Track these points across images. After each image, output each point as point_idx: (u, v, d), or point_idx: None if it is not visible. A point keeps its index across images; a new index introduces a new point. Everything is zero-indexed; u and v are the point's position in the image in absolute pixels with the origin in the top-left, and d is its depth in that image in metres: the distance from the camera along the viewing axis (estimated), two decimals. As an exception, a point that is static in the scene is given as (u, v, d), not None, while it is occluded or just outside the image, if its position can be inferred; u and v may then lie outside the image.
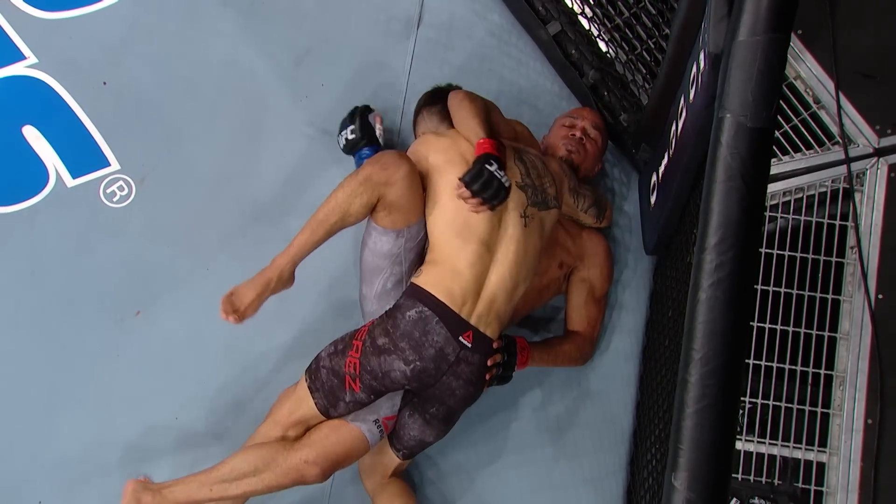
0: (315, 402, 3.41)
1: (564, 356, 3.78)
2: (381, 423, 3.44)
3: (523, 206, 3.46)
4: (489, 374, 3.44)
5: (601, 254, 3.85)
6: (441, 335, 3.33)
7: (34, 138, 3.92)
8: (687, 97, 3.11)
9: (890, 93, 3.73)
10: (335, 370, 3.39)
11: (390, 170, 3.34)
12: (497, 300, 3.40)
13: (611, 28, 3.96)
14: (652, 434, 3.46)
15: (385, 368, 3.34)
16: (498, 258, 3.41)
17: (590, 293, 3.83)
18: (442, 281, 3.36)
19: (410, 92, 4.03)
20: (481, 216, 3.39)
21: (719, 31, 2.63)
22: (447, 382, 3.38)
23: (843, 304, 3.63)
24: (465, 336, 3.35)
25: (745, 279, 2.38)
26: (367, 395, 3.40)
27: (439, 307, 3.34)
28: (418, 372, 3.34)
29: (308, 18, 4.11)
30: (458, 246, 3.39)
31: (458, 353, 3.35)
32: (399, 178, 3.34)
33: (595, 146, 3.81)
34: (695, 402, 2.32)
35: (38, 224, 3.87)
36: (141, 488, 3.45)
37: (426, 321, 3.33)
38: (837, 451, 3.55)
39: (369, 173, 3.34)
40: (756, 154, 2.39)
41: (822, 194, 3.73)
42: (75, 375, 3.73)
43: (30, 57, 3.99)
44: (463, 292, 3.35)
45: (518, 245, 3.43)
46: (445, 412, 3.47)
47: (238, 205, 3.91)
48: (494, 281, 3.39)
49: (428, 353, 3.33)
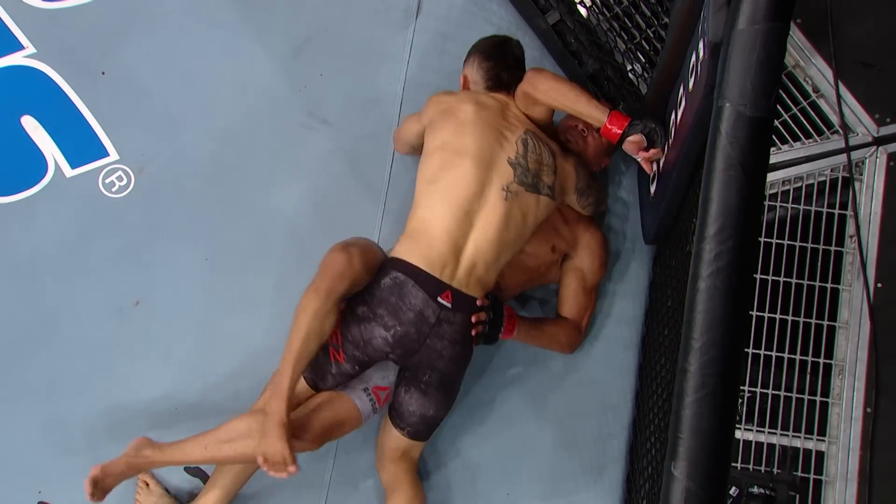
0: (304, 377, 3.43)
1: (552, 339, 3.78)
2: (372, 393, 3.44)
3: (508, 181, 3.47)
4: (475, 329, 3.44)
5: (595, 244, 3.84)
6: (418, 297, 3.34)
7: (33, 128, 3.91)
8: (686, 86, 3.11)
9: (889, 81, 3.72)
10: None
11: (347, 272, 3.33)
12: (477, 267, 3.41)
13: (610, 17, 3.95)
14: (651, 423, 3.46)
15: (366, 336, 3.35)
16: (477, 226, 3.42)
17: (581, 282, 3.83)
18: (417, 248, 3.39)
19: (409, 82, 4.03)
20: (464, 181, 3.42)
21: (719, 20, 2.62)
22: (432, 345, 3.38)
23: (842, 293, 3.63)
24: (444, 296, 3.36)
25: (744, 268, 2.38)
26: (353, 366, 3.41)
27: (414, 271, 3.36)
28: (400, 337, 3.35)
29: (307, 8, 4.11)
30: (437, 210, 3.42)
31: (438, 314, 3.35)
32: (356, 272, 3.35)
33: (597, 140, 3.78)
34: (694, 391, 2.32)
35: (37, 214, 3.87)
36: (144, 443, 3.48)
37: (402, 286, 3.35)
38: (836, 440, 3.55)
39: (330, 286, 3.31)
40: (755, 143, 2.39)
41: (822, 183, 3.72)
42: (74, 365, 3.74)
43: (28, 47, 3.98)
44: (440, 256, 3.37)
45: (497, 217, 3.43)
46: (438, 378, 3.46)
47: (237, 195, 3.91)
48: (472, 248, 3.41)
49: (407, 317, 3.33)
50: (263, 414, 3.31)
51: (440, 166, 3.48)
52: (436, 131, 3.57)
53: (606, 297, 3.94)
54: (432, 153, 3.54)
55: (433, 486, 3.77)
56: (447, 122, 3.56)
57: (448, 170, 3.46)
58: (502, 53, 3.78)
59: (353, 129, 4.01)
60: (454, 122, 3.55)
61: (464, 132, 3.51)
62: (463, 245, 3.40)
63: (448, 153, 3.49)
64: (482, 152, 3.48)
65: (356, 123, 4.02)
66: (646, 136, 3.47)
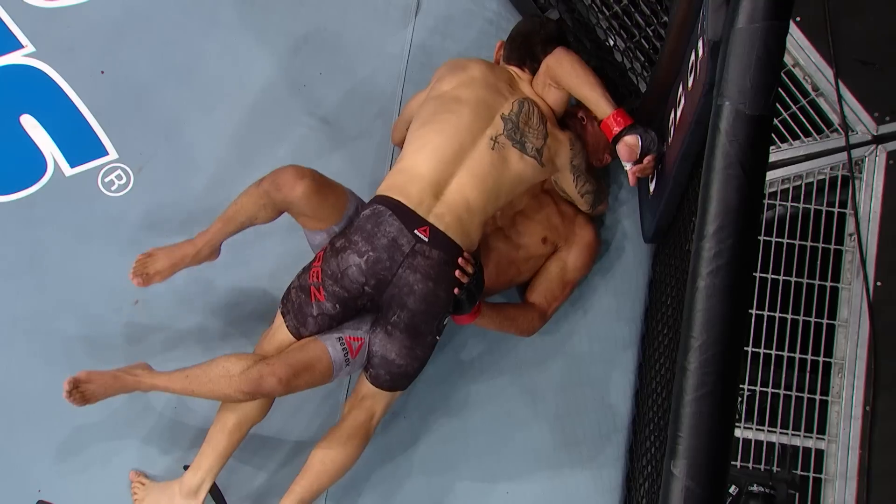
0: (287, 326, 3.46)
1: (512, 323, 3.77)
2: (345, 342, 3.44)
3: (497, 133, 3.51)
4: (460, 278, 3.43)
5: (586, 243, 3.85)
6: (394, 226, 3.35)
7: (32, 127, 3.91)
8: (686, 84, 3.11)
9: (888, 80, 3.73)
10: (302, 286, 3.44)
11: (284, 190, 3.40)
12: (457, 207, 3.42)
13: (609, 16, 3.96)
14: (651, 422, 3.46)
15: (342, 267, 3.37)
16: (461, 170, 3.45)
17: (561, 273, 3.83)
18: (399, 183, 3.43)
19: (408, 81, 4.04)
20: (455, 126, 3.47)
21: (718, 19, 2.63)
22: (404, 277, 3.37)
23: (841, 291, 3.64)
24: (422, 230, 3.36)
25: (743, 267, 2.38)
26: (333, 305, 3.42)
27: (393, 203, 3.38)
28: (373, 262, 3.36)
29: (306, 6, 4.11)
30: (425, 151, 3.45)
31: (413, 244, 3.36)
32: (296, 197, 3.39)
33: (596, 131, 3.77)
34: (694, 389, 2.32)
35: (37, 213, 3.87)
36: (139, 364, 3.53)
37: (379, 215, 3.38)
38: (836, 439, 3.56)
39: (266, 189, 3.43)
40: (755, 141, 2.39)
41: (821, 182, 3.73)
42: (74, 363, 3.73)
43: (27, 46, 3.99)
44: (420, 192, 3.39)
45: (481, 164, 3.46)
46: (407, 319, 3.43)
47: (235, 193, 3.89)
48: (455, 189, 3.43)
49: (380, 243, 3.35)
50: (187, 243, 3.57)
51: (435, 111, 3.54)
52: (441, 83, 3.65)
53: (605, 295, 3.94)
54: (432, 99, 3.61)
55: (432, 486, 3.77)
56: (454, 76, 3.63)
57: (443, 114, 3.51)
58: (531, 31, 3.83)
59: (352, 127, 4.02)
60: (461, 76, 3.62)
61: (467, 86, 3.58)
62: (445, 185, 3.42)
63: (447, 100, 3.55)
64: (479, 104, 3.53)
65: (355, 122, 4.02)
66: (643, 144, 3.51)
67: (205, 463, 3.54)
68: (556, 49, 3.71)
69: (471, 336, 3.87)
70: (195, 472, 3.55)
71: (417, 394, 3.80)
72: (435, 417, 3.81)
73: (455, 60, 3.76)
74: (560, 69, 3.66)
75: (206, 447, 3.57)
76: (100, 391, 3.44)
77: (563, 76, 3.64)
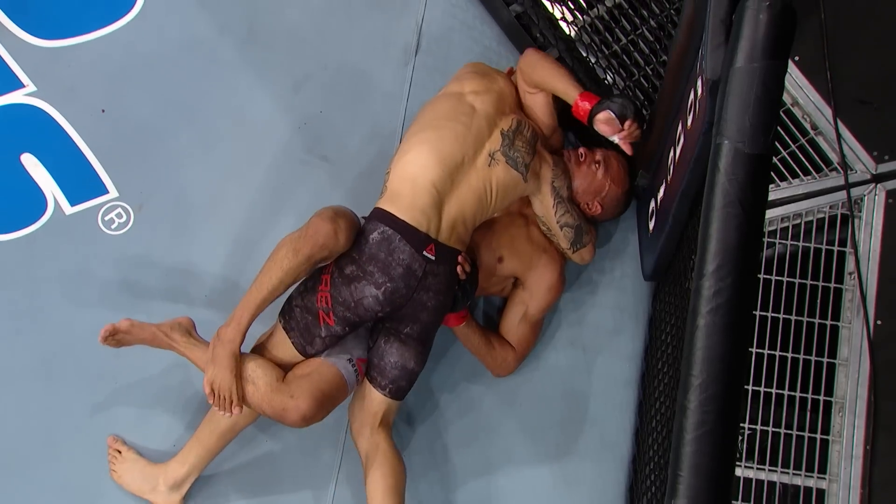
0: (292, 342, 3.43)
1: (489, 351, 3.78)
2: (356, 364, 3.45)
3: (495, 149, 3.54)
4: (462, 275, 3.47)
5: (547, 286, 3.81)
6: (406, 252, 3.36)
7: (32, 166, 3.92)
8: (685, 123, 3.12)
9: (887, 119, 3.74)
10: (308, 307, 3.41)
11: (330, 243, 3.32)
12: (457, 223, 3.45)
13: (608, 54, 3.97)
14: (651, 461, 3.45)
15: (357, 296, 3.36)
16: (461, 184, 3.47)
17: (524, 314, 3.82)
18: (403, 200, 3.41)
19: (408, 119, 4.04)
20: (462, 138, 3.49)
21: (717, 58, 2.64)
22: (418, 298, 3.41)
23: (841, 329, 3.63)
24: (428, 249, 3.38)
25: (743, 305, 2.39)
26: (342, 328, 3.41)
27: (399, 224, 3.38)
28: (390, 293, 3.36)
29: (307, 45, 4.12)
30: (426, 159, 3.45)
31: (424, 267, 3.38)
32: (342, 244, 3.35)
33: (591, 171, 3.78)
34: (694, 428, 2.32)
35: (37, 252, 3.86)
36: (178, 326, 3.52)
37: (389, 240, 3.37)
38: (837, 478, 3.54)
39: (310, 253, 3.32)
40: (754, 180, 2.40)
41: (821, 220, 3.73)
42: (74, 401, 3.72)
43: (28, 85, 4.00)
44: (424, 208, 3.40)
45: (479, 179, 3.49)
46: (420, 330, 3.48)
47: (236, 232, 3.91)
48: (455, 204, 3.45)
49: (396, 273, 3.35)
50: (216, 338, 3.36)
51: (446, 115, 3.56)
52: (462, 83, 3.70)
53: (605, 332, 3.94)
54: (446, 97, 3.65)
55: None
56: (478, 80, 3.70)
57: (452, 122, 3.53)
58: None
59: (352, 165, 4.02)
60: (483, 83, 3.68)
61: (483, 95, 3.63)
62: (446, 199, 3.44)
63: (459, 105, 3.59)
64: (487, 117, 3.57)
65: (355, 160, 4.03)
66: (616, 113, 3.53)
67: (192, 458, 3.57)
68: (526, 51, 3.83)
69: (470, 373, 3.86)
70: (181, 465, 3.58)
71: (412, 434, 3.81)
72: (431, 456, 3.81)
73: (482, 66, 3.84)
74: (530, 68, 3.75)
75: (194, 443, 3.58)
76: (135, 341, 3.51)
77: (535, 74, 3.73)
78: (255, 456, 3.77)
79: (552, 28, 4.02)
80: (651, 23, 3.96)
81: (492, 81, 3.70)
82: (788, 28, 2.45)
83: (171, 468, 3.59)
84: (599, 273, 3.98)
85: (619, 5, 4.01)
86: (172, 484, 3.59)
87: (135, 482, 3.63)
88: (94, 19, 4.09)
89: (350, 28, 4.15)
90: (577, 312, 3.96)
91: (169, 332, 3.49)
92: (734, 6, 2.54)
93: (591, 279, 4.00)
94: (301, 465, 3.76)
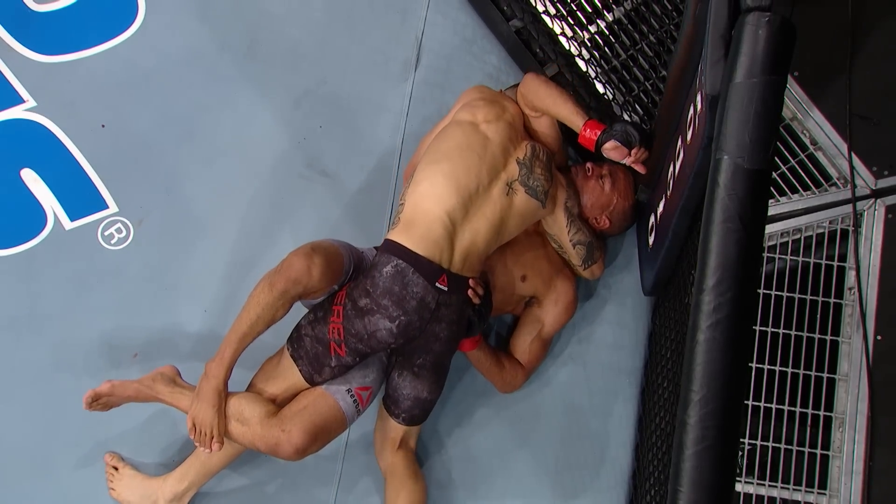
0: (300, 370, 3.44)
1: (500, 370, 3.79)
2: (355, 394, 3.44)
3: (513, 178, 3.54)
4: (475, 299, 3.47)
5: (565, 303, 3.84)
6: (419, 285, 3.35)
7: (32, 181, 3.92)
8: (685, 138, 3.12)
9: (887, 134, 3.74)
10: (319, 338, 3.41)
11: (304, 280, 3.31)
12: (470, 254, 3.44)
13: (608, 70, 3.98)
14: (651, 476, 3.44)
15: (370, 329, 3.36)
16: (476, 214, 3.46)
17: (538, 332, 3.83)
18: (416, 232, 3.41)
19: (408, 134, 4.04)
20: (476, 168, 3.48)
21: (716, 73, 2.64)
22: (431, 330, 3.41)
23: (841, 345, 3.63)
24: (441, 281, 3.38)
25: (743, 320, 2.38)
26: (353, 358, 3.42)
27: (412, 257, 3.37)
28: (404, 327, 3.36)
29: (306, 60, 4.13)
30: (441, 189, 3.44)
31: (437, 298, 3.38)
32: (316, 281, 3.33)
33: (597, 186, 3.79)
34: (694, 443, 2.31)
35: (36, 267, 3.86)
36: (160, 378, 3.53)
37: (403, 273, 3.36)
38: (837, 493, 3.54)
39: (284, 289, 3.32)
40: (754, 195, 2.40)
41: (820, 235, 3.73)
42: (72, 417, 3.72)
43: (28, 100, 4.00)
44: (437, 240, 3.39)
45: (495, 210, 3.49)
46: (432, 361, 3.50)
47: (235, 247, 3.91)
48: (469, 235, 3.44)
49: (410, 306, 3.35)
50: (203, 373, 3.38)
51: (459, 145, 3.54)
52: (474, 110, 3.66)
53: (605, 347, 3.94)
54: (458, 125, 3.63)
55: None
56: (489, 108, 3.67)
57: (466, 151, 3.52)
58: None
59: (352, 181, 4.02)
60: (495, 110, 3.66)
61: (495, 123, 3.61)
62: (459, 230, 3.43)
63: (473, 135, 3.57)
64: (501, 146, 3.56)
65: (355, 175, 4.03)
66: (621, 141, 3.53)
67: (192, 475, 3.58)
68: (525, 76, 3.81)
69: (469, 389, 3.86)
70: (180, 482, 3.58)
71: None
72: (428, 471, 3.81)
73: (490, 92, 3.81)
74: (532, 94, 3.74)
75: (194, 460, 3.59)
76: (120, 402, 3.53)
77: (536, 101, 3.72)
78: (255, 467, 3.76)
79: (552, 43, 4.03)
80: (651, 38, 3.97)
81: (502, 109, 3.69)
82: (788, 43, 2.45)
83: (170, 483, 3.59)
84: (599, 288, 3.98)
85: (619, 21, 4.02)
86: (171, 498, 3.59)
87: (134, 498, 3.62)
88: (94, 35, 4.09)
89: (350, 43, 4.15)
90: (578, 327, 3.96)
91: (151, 385, 3.50)
92: (734, 21, 2.54)
93: (591, 294, 4.00)
94: (301, 475, 3.76)
